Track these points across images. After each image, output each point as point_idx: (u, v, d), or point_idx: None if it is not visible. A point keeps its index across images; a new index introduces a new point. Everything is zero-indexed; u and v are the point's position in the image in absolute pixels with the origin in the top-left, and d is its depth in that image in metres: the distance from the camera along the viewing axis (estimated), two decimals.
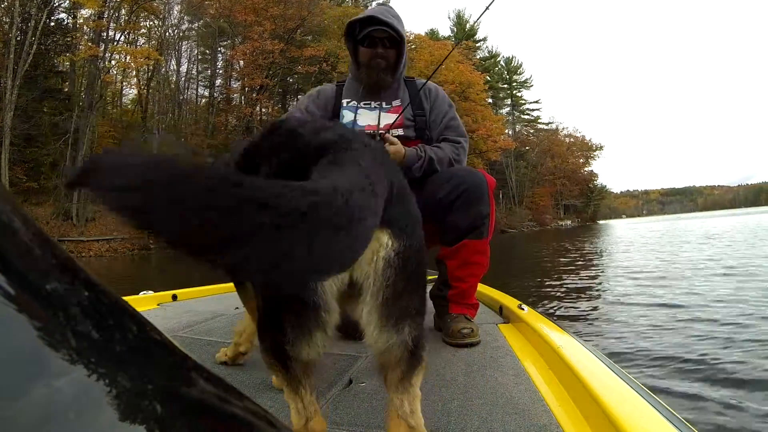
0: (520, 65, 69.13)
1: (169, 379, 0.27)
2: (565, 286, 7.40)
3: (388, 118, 2.20)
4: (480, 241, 1.96)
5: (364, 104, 2.22)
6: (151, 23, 31.14)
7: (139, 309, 0.44)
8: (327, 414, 1.19)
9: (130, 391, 0.23)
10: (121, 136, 30.16)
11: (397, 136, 2.15)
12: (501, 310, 2.29)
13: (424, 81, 2.34)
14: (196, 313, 2.44)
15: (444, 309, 1.99)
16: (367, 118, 2.20)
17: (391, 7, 2.24)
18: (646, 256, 12.15)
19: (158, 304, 2.80)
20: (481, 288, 2.53)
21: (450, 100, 2.36)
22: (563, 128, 73.89)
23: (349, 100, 2.24)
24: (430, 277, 3.03)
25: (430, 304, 2.12)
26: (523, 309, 2.04)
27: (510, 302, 2.28)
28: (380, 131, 2.15)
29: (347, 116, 2.21)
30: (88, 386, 0.21)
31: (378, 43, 2.14)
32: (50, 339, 0.21)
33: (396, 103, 2.25)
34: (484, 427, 1.10)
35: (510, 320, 2.15)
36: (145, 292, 2.86)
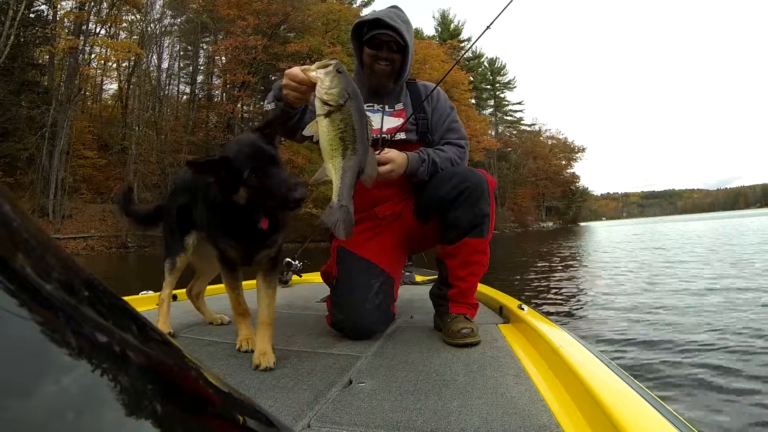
0: (504, 66, 69.60)
1: (169, 380, 0.27)
2: (553, 288, 7.44)
3: (390, 122, 2.19)
4: (481, 239, 1.95)
5: (367, 106, 2.17)
6: (132, 17, 30.66)
7: (139, 309, 0.44)
8: (327, 414, 1.19)
9: (131, 391, 0.23)
10: (100, 132, 29.76)
11: (401, 140, 2.15)
12: (501, 310, 2.29)
13: (425, 83, 2.32)
14: (196, 313, 2.42)
15: (444, 309, 1.98)
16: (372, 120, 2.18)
17: (401, 11, 2.19)
18: (631, 256, 12.38)
19: (158, 305, 2.76)
20: (481, 288, 2.53)
21: (451, 102, 2.34)
22: (546, 130, 74.64)
23: None
24: (429, 278, 3.02)
25: (430, 304, 2.13)
26: (523, 309, 2.04)
27: (510, 302, 2.29)
28: (383, 135, 2.14)
29: None
30: (87, 387, 0.21)
31: (383, 46, 2.12)
32: (50, 339, 0.21)
33: (399, 106, 2.24)
34: (484, 427, 1.10)
35: (510, 320, 2.15)
36: (145, 292, 2.83)
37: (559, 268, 10.64)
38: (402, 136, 2.17)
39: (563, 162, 72.07)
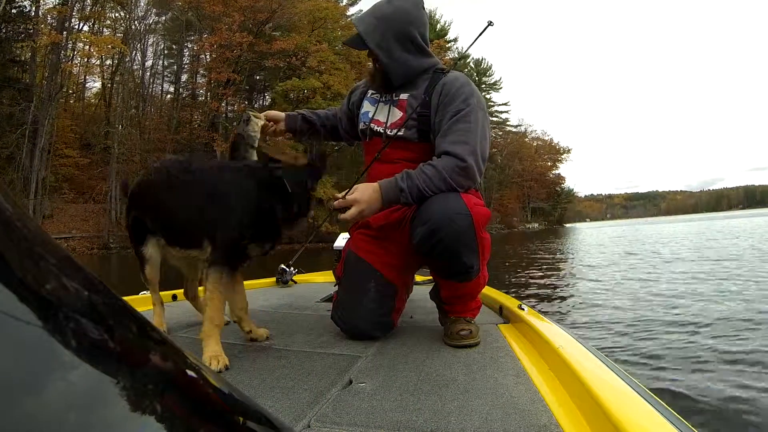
0: (490, 67, 69.60)
1: (170, 380, 0.27)
2: (551, 288, 7.51)
3: (395, 115, 1.99)
4: (469, 282, 1.83)
5: (383, 97, 2.07)
6: (117, 14, 30.33)
7: (139, 309, 0.44)
8: (327, 414, 1.19)
9: (131, 391, 0.23)
10: (82, 130, 29.39)
11: (399, 138, 1.95)
12: (501, 310, 2.29)
13: (451, 73, 1.96)
14: (196, 313, 2.41)
15: (444, 311, 1.97)
16: (381, 112, 2.05)
17: (389, 3, 1.91)
18: (623, 256, 12.52)
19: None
20: None
21: (474, 96, 1.88)
22: (532, 131, 75.15)
23: (373, 92, 2.14)
24: (429, 278, 3.02)
25: (430, 304, 2.12)
26: (523, 309, 2.03)
27: (510, 302, 2.28)
28: (386, 130, 2.01)
29: (365, 107, 2.14)
30: (87, 387, 0.21)
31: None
32: (50, 339, 0.21)
33: (404, 96, 1.98)
34: (484, 427, 1.09)
35: (510, 320, 2.14)
36: (145, 292, 2.80)
37: (554, 268, 10.70)
38: (400, 132, 1.95)
39: (549, 163, 72.76)
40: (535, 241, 25.31)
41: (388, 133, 2.00)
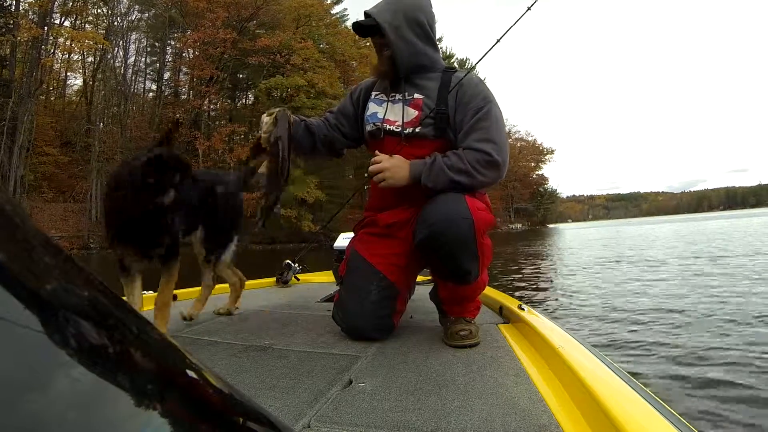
0: (474, 67, 69.77)
1: (169, 380, 0.27)
2: (549, 288, 7.57)
3: (409, 113, 1.98)
4: (467, 286, 1.84)
5: (390, 97, 2.04)
6: (99, 10, 29.92)
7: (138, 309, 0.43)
8: (327, 414, 1.19)
9: (130, 391, 0.23)
10: (63, 128, 28.96)
11: (414, 135, 1.95)
12: (501, 311, 2.29)
13: (463, 72, 1.99)
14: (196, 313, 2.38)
15: (444, 312, 1.97)
16: (392, 112, 2.02)
17: None
18: (615, 257, 12.63)
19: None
20: None
21: (490, 92, 1.93)
22: (516, 131, 75.54)
23: (378, 92, 2.10)
24: (429, 278, 3.01)
25: (429, 304, 2.12)
26: (523, 309, 2.04)
27: (510, 302, 2.28)
28: (403, 129, 1.98)
29: (371, 108, 2.09)
30: (87, 387, 0.21)
31: (368, 33, 1.97)
32: (50, 340, 0.21)
33: (417, 95, 1.97)
34: (484, 427, 1.09)
35: (510, 320, 2.14)
36: (145, 292, 2.78)
37: (551, 268, 10.73)
38: (416, 130, 1.95)
39: (532, 164, 73.21)
40: (522, 242, 25.36)
41: (405, 131, 1.97)
